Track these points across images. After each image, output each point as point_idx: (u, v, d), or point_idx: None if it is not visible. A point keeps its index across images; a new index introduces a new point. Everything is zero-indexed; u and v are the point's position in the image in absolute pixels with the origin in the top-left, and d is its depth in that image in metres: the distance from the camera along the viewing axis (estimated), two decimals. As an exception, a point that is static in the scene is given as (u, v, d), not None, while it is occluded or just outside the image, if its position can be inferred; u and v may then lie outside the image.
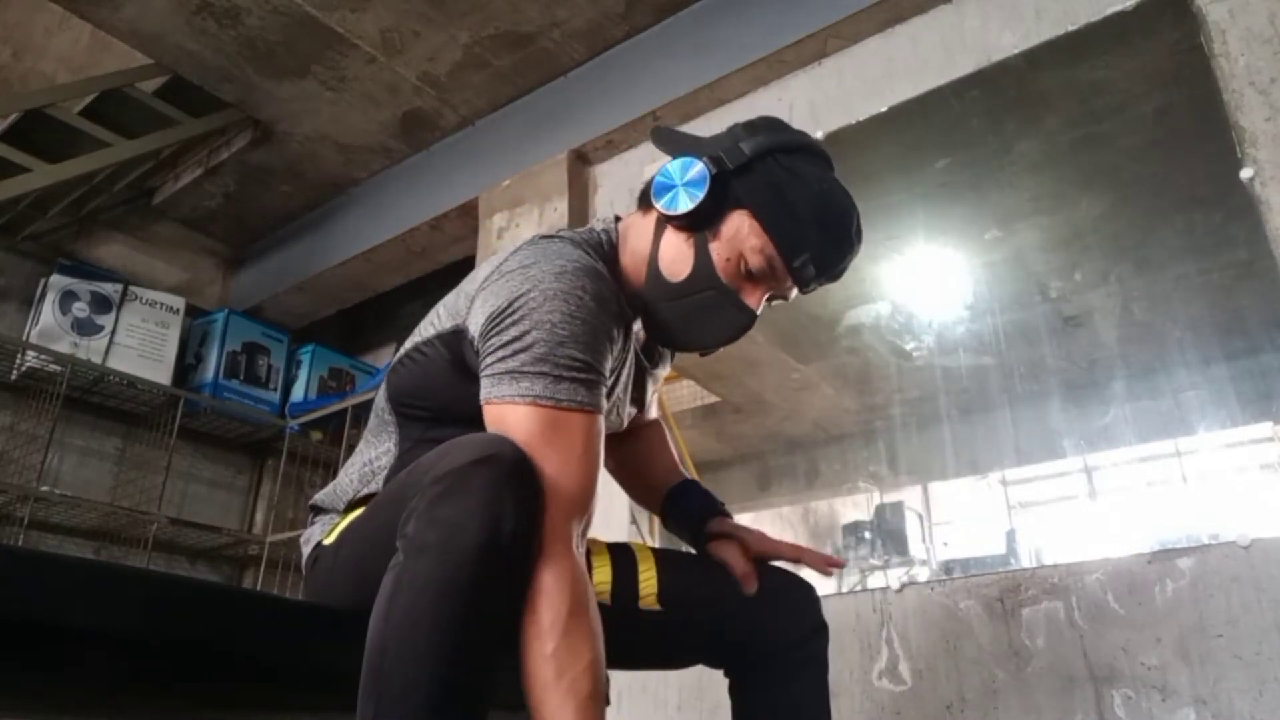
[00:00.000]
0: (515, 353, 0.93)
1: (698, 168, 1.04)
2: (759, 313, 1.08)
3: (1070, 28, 2.03)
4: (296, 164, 3.41)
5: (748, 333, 1.09)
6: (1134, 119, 2.69)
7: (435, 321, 1.09)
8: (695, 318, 1.08)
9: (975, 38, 2.17)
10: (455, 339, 1.04)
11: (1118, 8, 1.97)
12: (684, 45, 2.64)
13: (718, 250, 1.05)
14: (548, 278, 0.96)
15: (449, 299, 1.09)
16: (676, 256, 1.07)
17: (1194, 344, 4.53)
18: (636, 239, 1.12)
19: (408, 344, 1.12)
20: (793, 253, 1.04)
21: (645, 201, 1.13)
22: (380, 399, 1.16)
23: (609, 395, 1.05)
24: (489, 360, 0.95)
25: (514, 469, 0.84)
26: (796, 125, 2.53)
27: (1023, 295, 4.06)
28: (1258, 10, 1.76)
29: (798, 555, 1.23)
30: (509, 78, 2.97)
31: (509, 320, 0.95)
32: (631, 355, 1.12)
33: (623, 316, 1.05)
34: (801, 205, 1.05)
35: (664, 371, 1.30)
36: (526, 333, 0.93)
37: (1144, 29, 2.16)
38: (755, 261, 1.05)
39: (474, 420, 0.97)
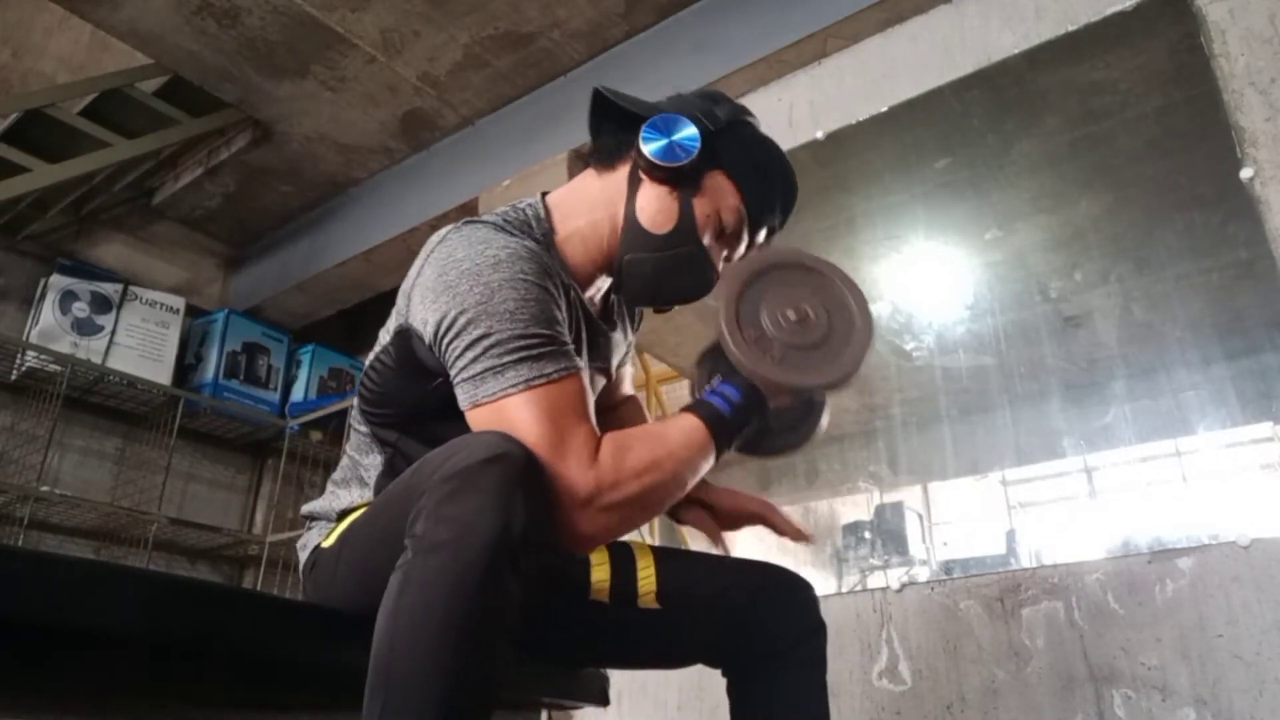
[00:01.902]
0: (485, 350, 0.93)
1: (688, 125, 1.07)
2: (720, 273, 1.14)
3: (1070, 28, 2.03)
4: (296, 164, 3.41)
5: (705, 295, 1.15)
6: (1134, 119, 2.70)
7: (387, 328, 1.09)
8: (670, 272, 1.11)
9: (975, 38, 2.17)
10: (402, 339, 1.03)
11: (1118, 8, 1.97)
12: (684, 45, 2.64)
13: (700, 206, 1.09)
14: (485, 270, 0.96)
15: (397, 303, 1.09)
16: (660, 209, 1.09)
17: (1194, 344, 4.53)
18: (595, 198, 1.12)
19: (370, 357, 1.12)
20: (759, 215, 1.12)
21: (605, 157, 1.14)
22: (355, 413, 1.16)
23: None
24: (461, 365, 0.95)
25: (524, 468, 0.85)
26: (796, 125, 2.54)
27: (1023, 295, 4.07)
28: (1258, 10, 1.76)
29: (764, 512, 1.25)
30: (509, 78, 2.97)
31: (463, 321, 0.94)
32: (582, 319, 1.12)
33: (562, 284, 1.05)
34: (769, 169, 1.13)
35: (625, 338, 1.28)
36: (489, 328, 0.93)
37: (1144, 29, 2.16)
38: (730, 219, 1.10)
39: (441, 415, 0.99)
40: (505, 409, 0.92)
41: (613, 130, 1.13)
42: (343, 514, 1.13)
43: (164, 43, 2.84)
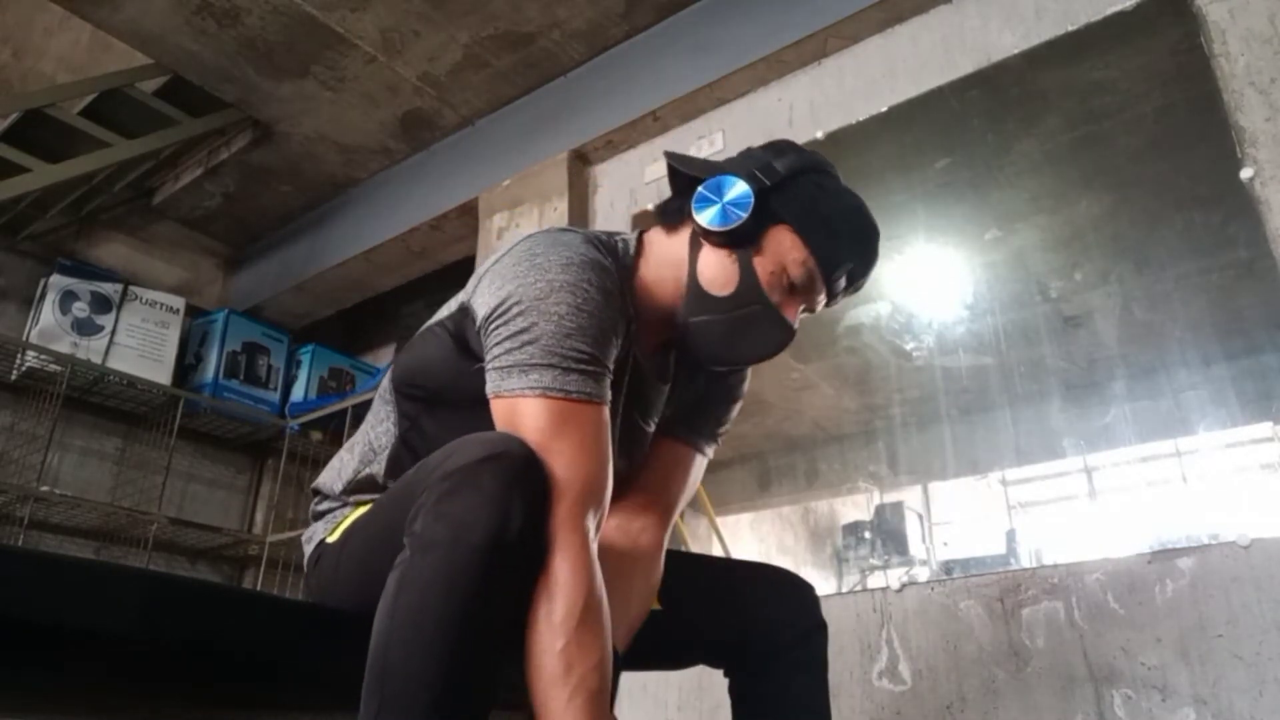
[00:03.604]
0: (523, 345, 0.94)
1: (739, 185, 1.06)
2: (796, 327, 1.10)
3: (1070, 28, 2.03)
4: (296, 164, 3.41)
5: (786, 349, 1.10)
6: (1134, 119, 2.69)
7: (448, 306, 1.11)
8: (738, 332, 1.09)
9: (975, 38, 2.17)
10: (460, 316, 1.05)
11: (1118, 8, 1.97)
12: (684, 45, 2.64)
13: (761, 264, 1.07)
14: (554, 268, 0.97)
15: (467, 285, 1.10)
16: (720, 272, 1.07)
17: (1194, 344, 4.52)
18: (664, 256, 1.12)
19: (422, 328, 1.14)
20: (831, 265, 1.08)
21: (670, 218, 1.13)
22: (385, 380, 1.17)
23: None
24: (496, 352, 0.96)
25: (523, 467, 0.85)
26: (796, 125, 2.54)
27: (1023, 295, 4.06)
28: (1258, 10, 1.76)
29: None
30: (509, 78, 2.96)
31: (515, 311, 0.95)
32: (630, 360, 1.11)
33: (625, 313, 1.05)
34: (837, 220, 1.09)
35: (662, 395, 1.19)
36: (533, 324, 0.94)
37: (1144, 29, 2.16)
38: (797, 273, 1.07)
39: (471, 401, 0.98)
40: (517, 407, 0.93)
41: (678, 191, 1.13)
42: (349, 486, 1.13)
43: (164, 43, 2.84)
